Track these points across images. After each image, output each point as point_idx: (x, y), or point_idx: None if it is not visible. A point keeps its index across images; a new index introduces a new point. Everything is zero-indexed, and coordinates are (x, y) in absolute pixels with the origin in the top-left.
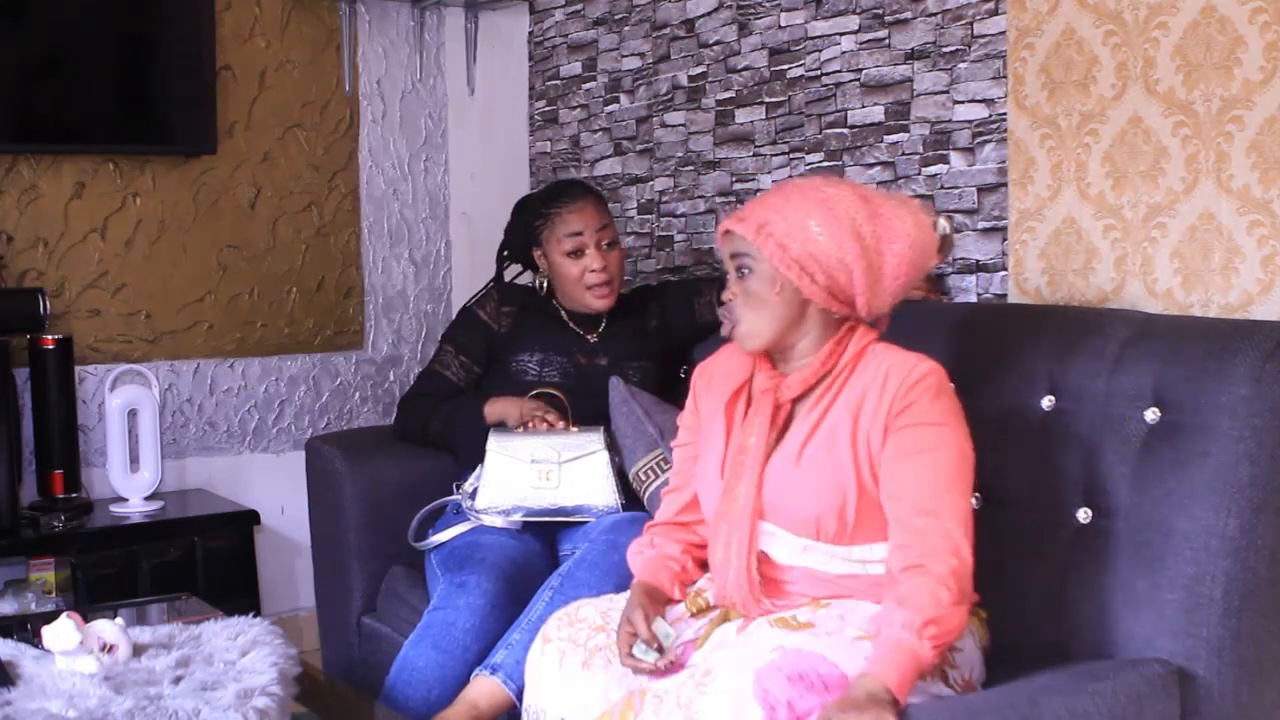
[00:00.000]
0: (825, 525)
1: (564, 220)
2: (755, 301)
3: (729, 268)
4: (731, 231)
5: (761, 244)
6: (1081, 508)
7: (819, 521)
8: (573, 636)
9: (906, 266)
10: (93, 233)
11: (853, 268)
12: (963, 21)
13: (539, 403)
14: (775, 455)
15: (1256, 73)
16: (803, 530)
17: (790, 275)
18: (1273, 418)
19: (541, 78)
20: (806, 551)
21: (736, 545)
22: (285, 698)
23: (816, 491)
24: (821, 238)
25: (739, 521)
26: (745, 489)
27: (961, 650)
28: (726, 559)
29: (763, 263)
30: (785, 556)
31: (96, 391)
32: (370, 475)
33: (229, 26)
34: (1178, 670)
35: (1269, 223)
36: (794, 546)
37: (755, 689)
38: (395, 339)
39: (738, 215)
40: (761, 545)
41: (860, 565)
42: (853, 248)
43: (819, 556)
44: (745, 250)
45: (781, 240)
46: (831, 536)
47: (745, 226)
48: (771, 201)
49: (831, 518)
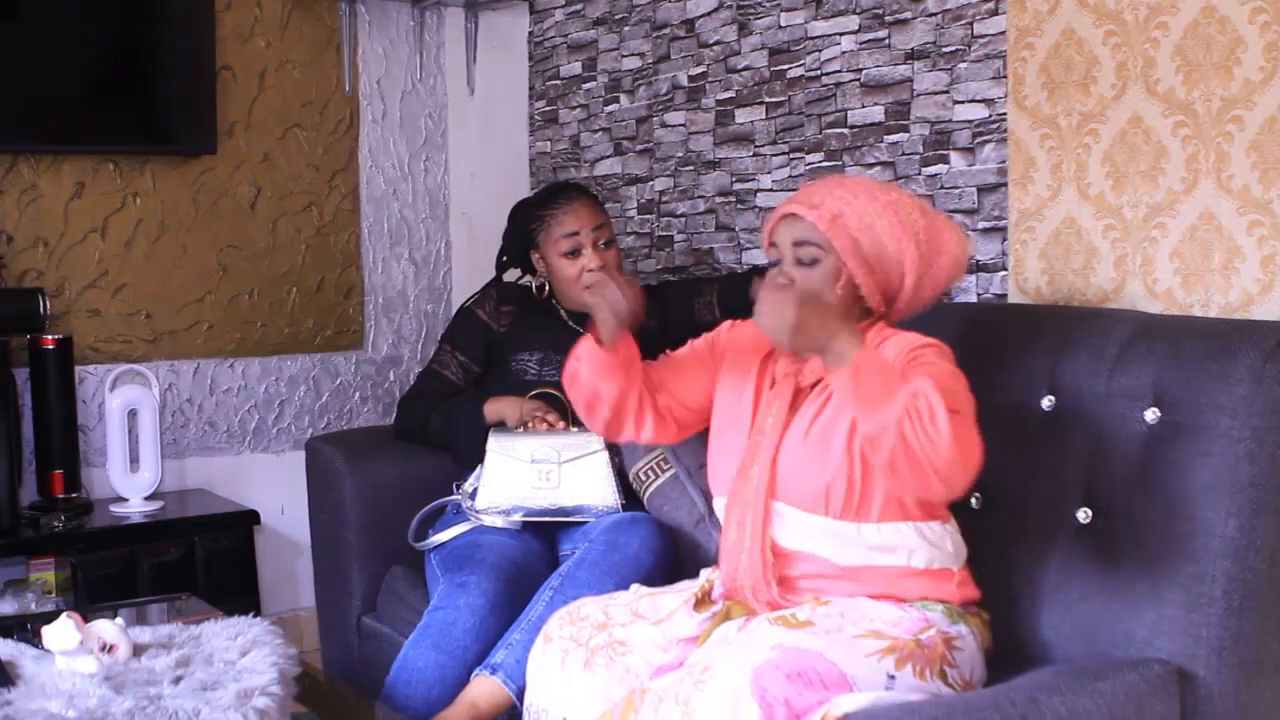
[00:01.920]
0: (834, 495)
1: (559, 221)
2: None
3: (786, 254)
4: (798, 216)
5: (835, 235)
6: (1081, 508)
7: (828, 491)
8: (575, 635)
9: (945, 280)
10: (93, 233)
11: (908, 274)
12: (963, 21)
13: (539, 403)
14: (787, 435)
15: (1256, 73)
16: (813, 505)
17: (857, 272)
18: (1273, 418)
19: (541, 78)
20: (818, 534)
21: (751, 526)
22: (285, 698)
23: (823, 461)
24: (887, 239)
25: (752, 502)
26: (759, 470)
27: (962, 650)
28: (740, 541)
29: (831, 255)
30: (796, 541)
31: (96, 391)
32: (370, 475)
33: (229, 26)
34: (1177, 670)
35: (1269, 223)
36: (806, 527)
37: (753, 687)
38: (395, 339)
39: (809, 201)
40: (774, 529)
41: (872, 553)
42: (912, 254)
43: (830, 541)
44: (814, 239)
45: (854, 235)
46: (840, 508)
47: (819, 215)
48: (839, 194)
49: (840, 485)
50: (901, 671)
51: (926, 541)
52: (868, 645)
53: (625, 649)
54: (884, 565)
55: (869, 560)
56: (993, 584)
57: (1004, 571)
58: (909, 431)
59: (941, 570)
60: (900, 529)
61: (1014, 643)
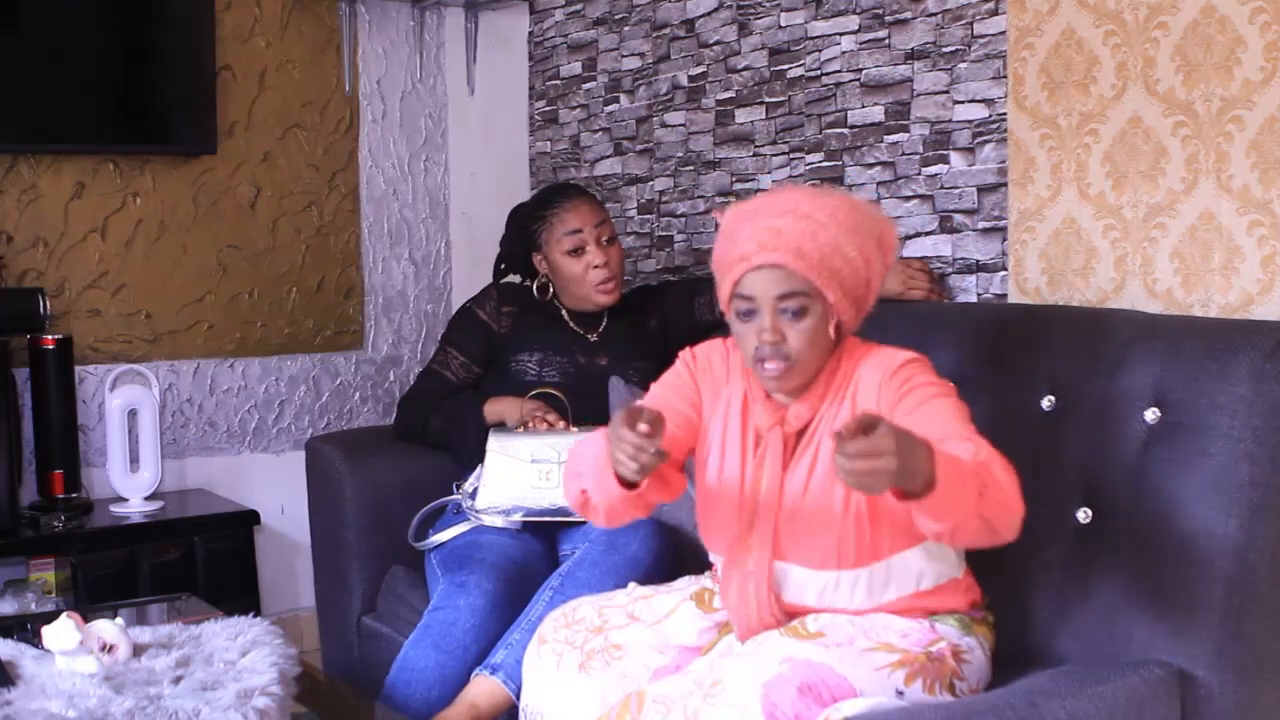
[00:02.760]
0: (845, 548)
1: (561, 220)
2: (811, 344)
3: (765, 306)
4: (779, 266)
5: (826, 283)
6: (1081, 508)
7: (839, 547)
8: (569, 638)
9: (890, 266)
10: (93, 233)
11: (875, 289)
12: (963, 21)
13: (539, 403)
14: (784, 494)
15: (1256, 73)
16: (823, 562)
17: (846, 309)
18: (1273, 418)
19: (541, 78)
20: (830, 590)
21: (754, 590)
22: (285, 698)
23: (828, 517)
24: (859, 261)
25: (755, 569)
26: (760, 536)
27: (971, 662)
28: (743, 601)
29: (818, 302)
30: (805, 597)
31: (96, 391)
32: (370, 475)
33: (229, 26)
34: (1178, 672)
35: (1269, 223)
36: (816, 584)
37: (763, 703)
38: (395, 339)
39: (791, 250)
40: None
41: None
42: (877, 265)
43: (843, 593)
44: (801, 289)
45: (842, 280)
46: (854, 559)
47: (808, 265)
48: (807, 229)
49: (850, 538)
50: (910, 686)
51: (932, 558)
52: (878, 659)
53: (621, 652)
54: (894, 599)
55: (880, 599)
56: (993, 584)
57: (1004, 572)
58: (991, 515)
59: (949, 583)
60: (907, 556)
61: (1014, 644)
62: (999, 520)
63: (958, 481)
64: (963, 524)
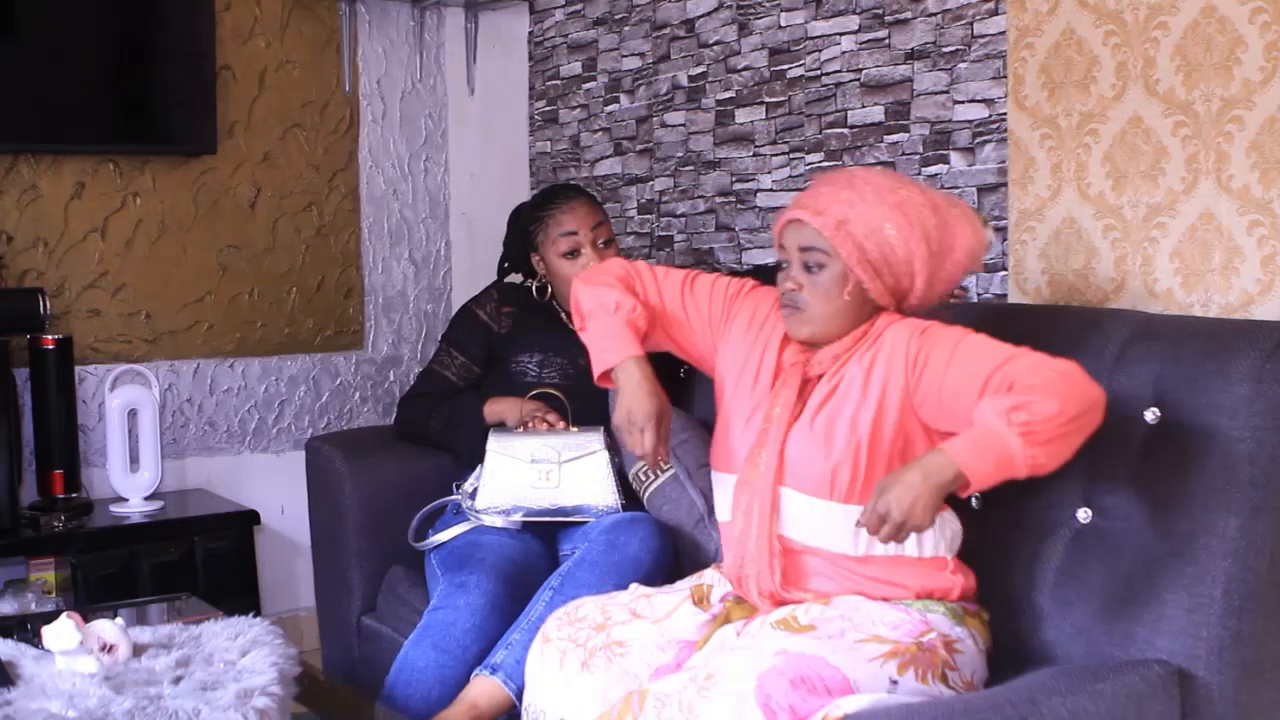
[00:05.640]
0: (840, 478)
1: (557, 221)
2: (823, 298)
3: (793, 258)
4: (802, 222)
5: (840, 243)
6: (1081, 508)
7: (834, 475)
8: (573, 636)
9: (960, 274)
10: (93, 233)
11: (918, 274)
12: (963, 21)
13: (539, 403)
14: (795, 423)
15: (1256, 73)
16: (819, 489)
17: (864, 277)
18: (1273, 418)
19: (541, 78)
20: (822, 521)
21: (758, 512)
22: (285, 698)
23: (829, 447)
24: (895, 242)
25: (760, 488)
26: (768, 456)
27: (963, 653)
28: (747, 528)
29: (837, 261)
30: (802, 534)
31: (96, 391)
32: (370, 475)
33: (229, 26)
34: (1178, 671)
35: (1269, 223)
36: (812, 513)
37: (757, 694)
38: (395, 339)
39: (813, 207)
40: (781, 520)
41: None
42: (921, 253)
43: (833, 530)
44: (819, 245)
45: (860, 241)
46: (845, 492)
47: (823, 221)
48: (846, 197)
49: (846, 469)
50: (904, 676)
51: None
52: (870, 650)
53: (623, 650)
54: (884, 554)
55: (870, 548)
56: (993, 584)
57: (1004, 571)
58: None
59: (935, 559)
60: None
61: (1014, 643)
62: (1071, 425)
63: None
64: (1034, 460)
